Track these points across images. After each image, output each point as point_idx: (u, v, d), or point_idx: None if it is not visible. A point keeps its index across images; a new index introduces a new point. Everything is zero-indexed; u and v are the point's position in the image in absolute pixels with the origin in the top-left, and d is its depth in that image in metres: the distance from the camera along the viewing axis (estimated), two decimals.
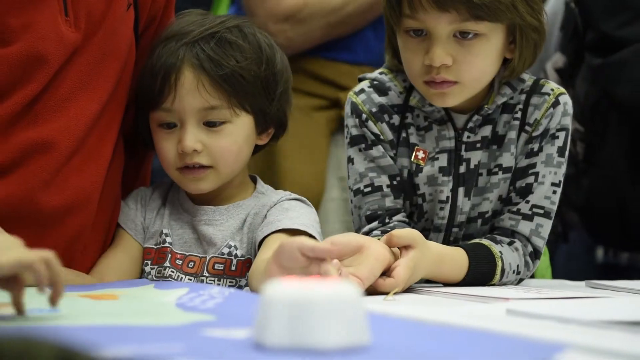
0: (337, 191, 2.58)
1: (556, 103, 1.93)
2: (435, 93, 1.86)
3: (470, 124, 1.92)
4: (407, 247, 1.74)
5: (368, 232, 1.92)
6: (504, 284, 1.90)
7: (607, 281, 1.95)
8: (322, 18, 2.55)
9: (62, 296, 1.33)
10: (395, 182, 1.93)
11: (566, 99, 1.95)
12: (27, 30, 1.72)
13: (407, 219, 1.94)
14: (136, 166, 2.00)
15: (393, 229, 1.84)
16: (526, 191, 1.92)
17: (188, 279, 1.84)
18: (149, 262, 1.88)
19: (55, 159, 1.75)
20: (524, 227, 1.92)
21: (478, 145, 1.93)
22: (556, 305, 1.61)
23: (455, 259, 1.84)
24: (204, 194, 1.88)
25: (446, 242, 1.94)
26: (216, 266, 1.85)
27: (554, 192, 1.93)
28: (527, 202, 1.92)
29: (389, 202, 1.92)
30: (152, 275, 1.87)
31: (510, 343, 1.21)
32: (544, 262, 2.18)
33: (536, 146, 1.92)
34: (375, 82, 1.96)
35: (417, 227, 1.94)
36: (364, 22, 2.60)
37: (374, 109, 1.94)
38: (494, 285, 1.88)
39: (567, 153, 1.95)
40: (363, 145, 1.94)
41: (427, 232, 1.94)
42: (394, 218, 1.92)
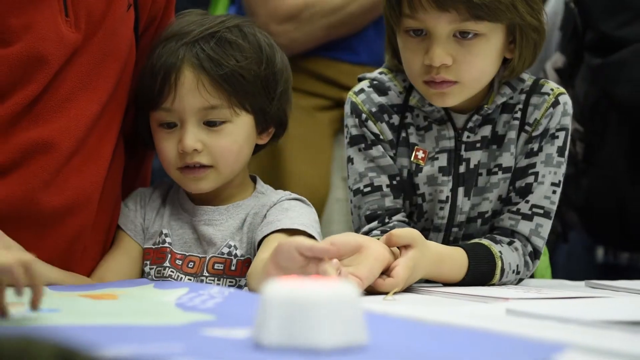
0: (341, 192, 2.57)
1: (556, 103, 1.93)
2: (435, 93, 1.86)
3: (470, 124, 1.92)
4: (406, 247, 1.74)
5: (368, 232, 1.92)
6: (504, 283, 1.90)
7: (607, 281, 1.95)
8: (324, 18, 2.55)
9: (42, 300, 1.31)
10: (395, 182, 1.93)
11: (566, 99, 1.95)
12: (28, 30, 1.72)
13: (406, 219, 1.94)
14: (136, 166, 2.00)
15: (393, 228, 1.83)
16: (526, 191, 1.92)
17: (188, 279, 1.84)
18: (149, 262, 1.88)
19: (56, 159, 1.75)
20: (524, 227, 1.92)
21: (478, 145, 1.93)
22: (556, 305, 1.61)
23: (455, 259, 1.84)
24: (204, 194, 1.88)
25: (446, 242, 1.94)
26: (216, 266, 1.85)
27: (554, 192, 1.93)
28: (527, 202, 1.92)
29: (389, 202, 1.92)
30: (152, 275, 1.87)
31: (510, 343, 1.21)
32: (544, 262, 2.18)
33: (536, 146, 1.92)
34: (375, 82, 1.96)
35: (417, 227, 1.94)
36: (366, 22, 2.60)
37: (373, 109, 1.94)
38: (493, 285, 1.88)
39: (566, 153, 1.95)
40: (363, 145, 1.94)
41: (426, 232, 1.94)
42: (394, 218, 1.92)
